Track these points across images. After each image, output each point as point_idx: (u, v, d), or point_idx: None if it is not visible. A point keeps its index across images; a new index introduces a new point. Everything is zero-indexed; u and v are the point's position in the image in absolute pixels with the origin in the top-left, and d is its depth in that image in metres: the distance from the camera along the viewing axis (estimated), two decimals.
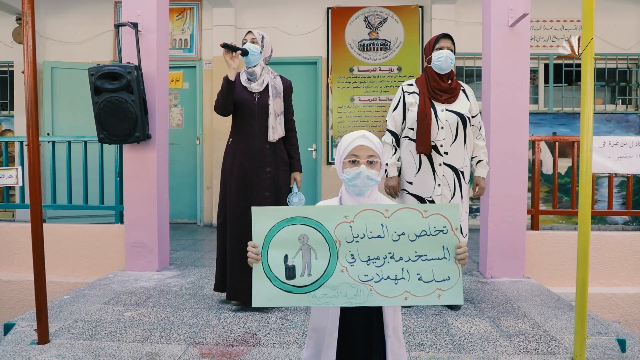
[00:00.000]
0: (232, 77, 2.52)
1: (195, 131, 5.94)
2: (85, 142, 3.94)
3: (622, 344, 2.19)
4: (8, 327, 2.34)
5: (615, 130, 5.62)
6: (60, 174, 4.14)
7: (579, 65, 5.65)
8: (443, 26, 5.43)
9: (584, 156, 1.98)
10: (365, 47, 5.66)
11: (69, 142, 3.97)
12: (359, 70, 5.68)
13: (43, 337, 2.11)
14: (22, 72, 2.04)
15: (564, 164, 5.32)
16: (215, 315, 2.52)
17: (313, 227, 1.37)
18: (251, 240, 1.36)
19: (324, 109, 5.75)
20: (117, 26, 3.33)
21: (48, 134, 5.52)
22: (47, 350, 2.05)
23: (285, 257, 1.37)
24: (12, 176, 3.82)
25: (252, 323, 2.40)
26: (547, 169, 5.57)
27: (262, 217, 1.38)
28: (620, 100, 5.74)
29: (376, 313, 1.47)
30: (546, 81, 5.70)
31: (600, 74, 5.69)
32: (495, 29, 3.28)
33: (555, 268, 3.56)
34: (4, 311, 3.70)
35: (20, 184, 3.81)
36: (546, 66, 5.69)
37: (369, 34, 5.66)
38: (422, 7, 5.60)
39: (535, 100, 5.73)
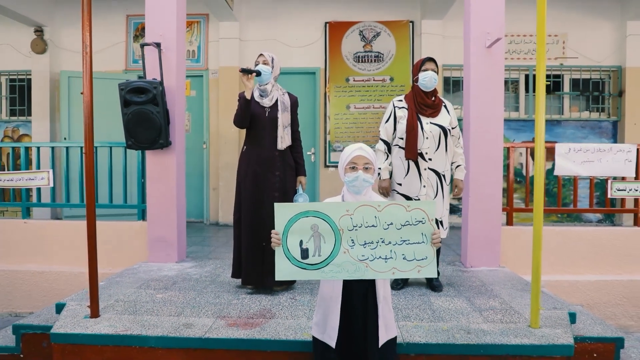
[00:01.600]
0: (248, 96, 2.96)
1: (202, 136, 6.37)
2: (111, 147, 4.37)
3: (572, 316, 2.65)
4: (59, 307, 2.77)
5: (589, 136, 6.13)
6: None
7: (556, 77, 6.17)
8: (432, 40, 5.90)
9: (538, 162, 2.44)
10: (360, 59, 6.13)
11: (96, 147, 4.38)
12: (354, 80, 6.15)
13: (95, 312, 2.54)
14: (81, 93, 2.47)
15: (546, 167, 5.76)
16: (235, 297, 2.96)
17: (322, 219, 1.82)
18: (268, 231, 1.85)
19: (322, 115, 6.21)
20: (142, 45, 3.75)
21: (65, 139, 5.94)
22: (100, 322, 2.49)
23: (301, 241, 1.83)
24: (44, 178, 4.24)
25: (266, 302, 2.85)
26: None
27: (283, 211, 1.83)
28: (595, 109, 6.24)
29: (370, 285, 1.92)
30: (527, 90, 6.19)
31: (575, 84, 6.20)
32: (474, 50, 3.73)
33: (528, 259, 4.01)
34: (39, 299, 4.12)
35: (52, 185, 4.23)
36: (526, 77, 6.18)
37: (363, 46, 6.13)
38: (412, 22, 6.08)
39: (516, 108, 6.22)
